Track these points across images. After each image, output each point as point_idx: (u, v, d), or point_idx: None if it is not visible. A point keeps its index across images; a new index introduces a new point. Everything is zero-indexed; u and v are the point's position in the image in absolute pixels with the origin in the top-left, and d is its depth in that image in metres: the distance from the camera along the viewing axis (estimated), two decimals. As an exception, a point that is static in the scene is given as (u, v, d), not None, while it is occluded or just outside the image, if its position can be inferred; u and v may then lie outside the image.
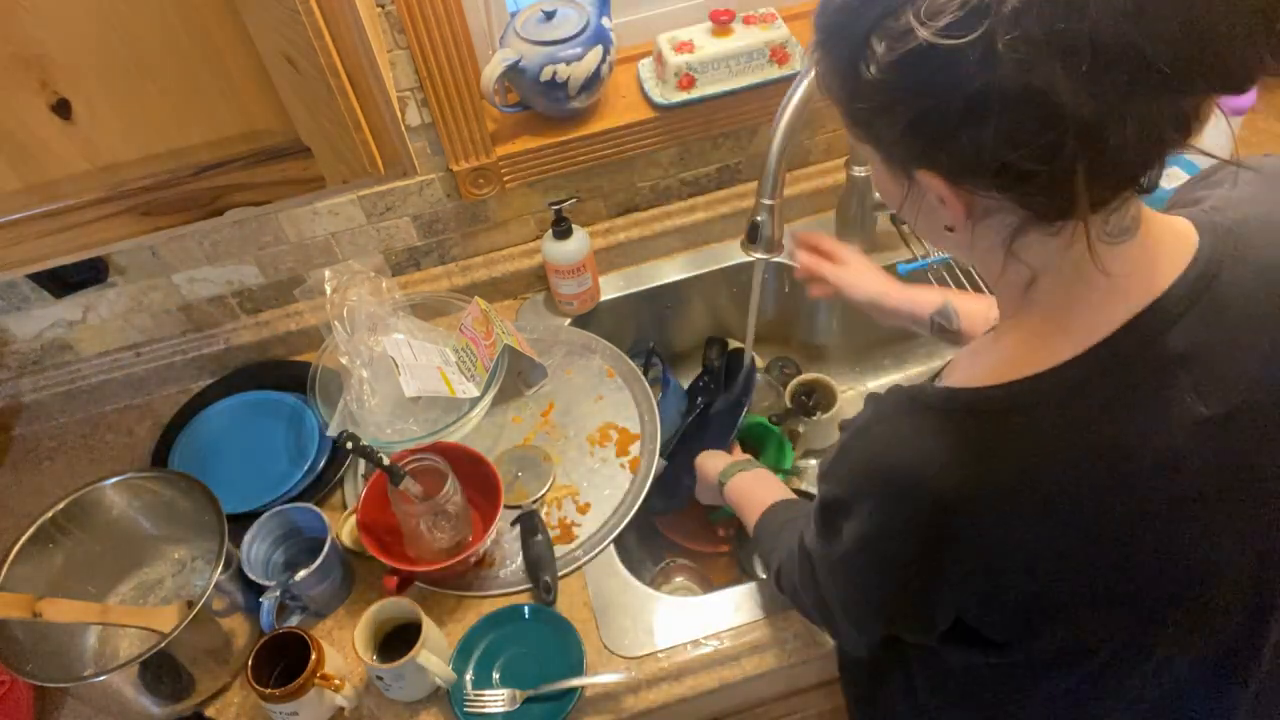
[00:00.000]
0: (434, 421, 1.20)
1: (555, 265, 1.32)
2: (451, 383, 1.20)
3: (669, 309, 1.46)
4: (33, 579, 1.04)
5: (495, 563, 1.14)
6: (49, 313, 1.28)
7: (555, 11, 1.19)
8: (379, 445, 1.12)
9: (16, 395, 1.33)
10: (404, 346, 1.20)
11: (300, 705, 0.96)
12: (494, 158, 1.25)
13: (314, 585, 1.06)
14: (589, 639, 1.06)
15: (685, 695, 1.03)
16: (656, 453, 1.24)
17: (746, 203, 1.41)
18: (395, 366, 1.16)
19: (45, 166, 0.72)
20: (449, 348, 1.27)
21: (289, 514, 1.11)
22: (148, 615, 1.04)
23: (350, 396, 1.18)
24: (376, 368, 1.19)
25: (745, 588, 1.09)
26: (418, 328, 1.27)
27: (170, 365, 1.34)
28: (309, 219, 1.28)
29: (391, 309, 1.25)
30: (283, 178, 0.78)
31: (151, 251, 1.25)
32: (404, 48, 1.11)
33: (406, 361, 1.18)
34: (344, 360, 1.20)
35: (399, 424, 1.21)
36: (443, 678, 1.00)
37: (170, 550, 1.19)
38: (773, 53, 1.25)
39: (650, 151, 1.33)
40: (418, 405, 1.21)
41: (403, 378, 1.15)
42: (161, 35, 0.67)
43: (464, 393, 1.20)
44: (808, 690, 1.19)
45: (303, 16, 0.66)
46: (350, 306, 1.20)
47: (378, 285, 1.24)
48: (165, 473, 1.11)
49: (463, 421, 1.18)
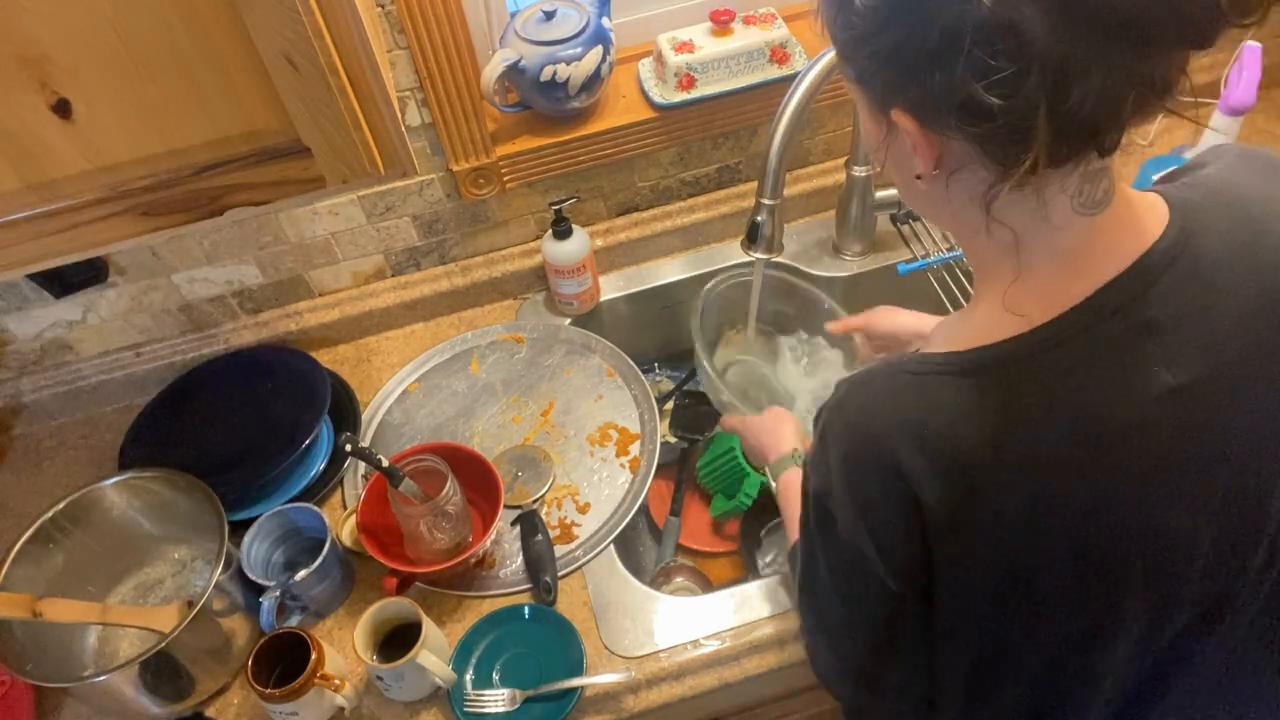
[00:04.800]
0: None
1: (555, 265, 1.32)
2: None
3: (669, 309, 1.46)
4: (33, 579, 1.04)
5: (495, 563, 1.14)
6: (49, 313, 1.28)
7: (555, 11, 1.19)
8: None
9: (16, 395, 1.33)
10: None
11: (300, 705, 0.96)
12: (494, 158, 1.25)
13: (314, 585, 1.06)
14: (589, 639, 1.06)
15: (685, 695, 1.03)
16: (656, 452, 1.24)
17: (746, 203, 1.41)
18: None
19: (45, 166, 0.72)
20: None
21: (289, 514, 1.11)
22: (148, 615, 1.04)
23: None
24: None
25: (745, 588, 1.09)
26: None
27: (170, 365, 1.34)
28: (309, 219, 1.28)
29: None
30: (283, 178, 0.78)
31: (151, 251, 1.25)
32: (404, 48, 1.11)
33: None
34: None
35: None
36: (443, 678, 1.00)
37: (170, 550, 1.19)
38: (773, 53, 1.25)
39: (650, 151, 1.33)
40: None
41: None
42: (161, 35, 0.67)
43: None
44: (808, 690, 1.19)
45: (303, 16, 0.66)
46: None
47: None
48: (165, 472, 1.11)
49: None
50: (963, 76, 0.53)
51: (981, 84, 0.53)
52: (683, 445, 1.43)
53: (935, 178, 0.63)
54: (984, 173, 0.59)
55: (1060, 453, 0.61)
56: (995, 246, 0.64)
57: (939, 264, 1.31)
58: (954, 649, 0.71)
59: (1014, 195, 0.59)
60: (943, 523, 0.63)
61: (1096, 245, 0.62)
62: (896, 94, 0.59)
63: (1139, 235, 0.63)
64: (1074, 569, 0.64)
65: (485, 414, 1.30)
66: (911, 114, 0.59)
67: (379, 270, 1.38)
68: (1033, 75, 0.52)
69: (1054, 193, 0.60)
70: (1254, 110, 1.33)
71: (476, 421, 1.29)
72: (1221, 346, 0.63)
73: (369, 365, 1.38)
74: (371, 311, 1.38)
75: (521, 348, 1.37)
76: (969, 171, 0.60)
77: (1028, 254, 0.63)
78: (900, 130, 0.60)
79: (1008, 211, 0.61)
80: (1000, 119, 0.54)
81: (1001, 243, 0.63)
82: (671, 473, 1.43)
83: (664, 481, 1.43)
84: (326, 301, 1.38)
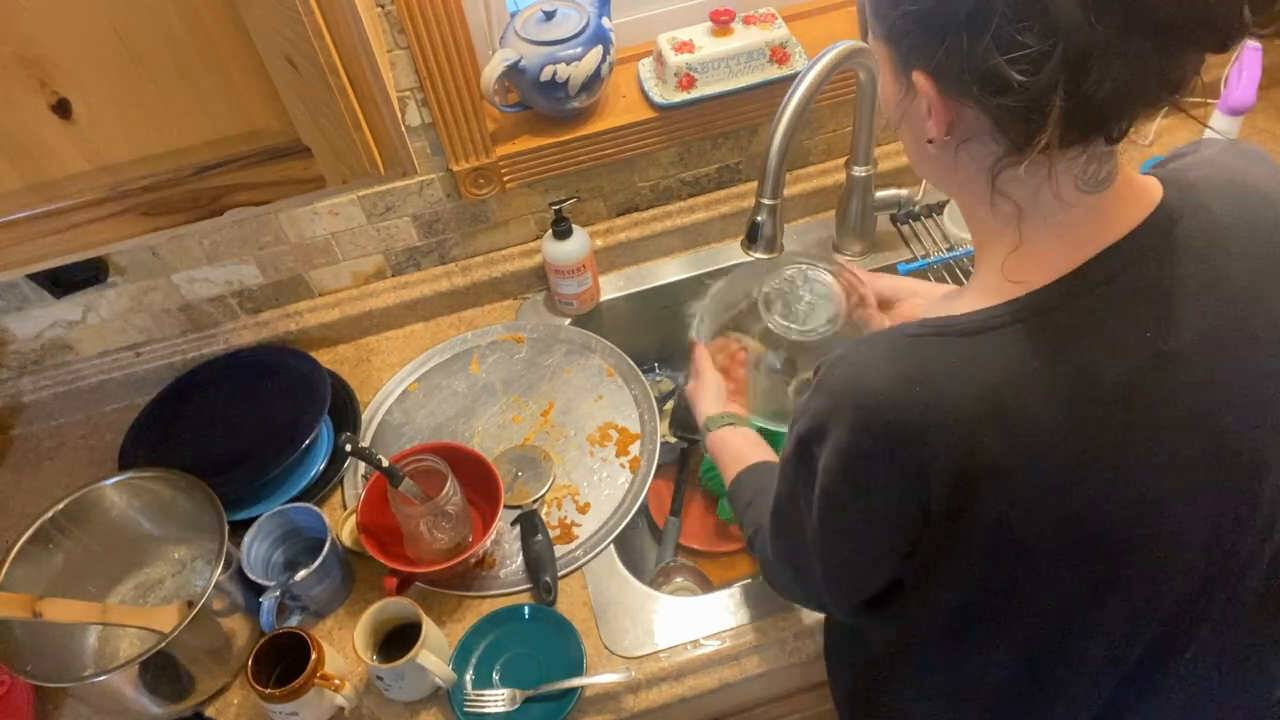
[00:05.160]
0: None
1: (555, 265, 1.32)
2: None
3: (669, 309, 1.46)
4: (33, 579, 1.04)
5: (495, 563, 1.14)
6: (49, 313, 1.28)
7: (555, 11, 1.19)
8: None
9: (16, 395, 1.33)
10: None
11: (300, 705, 0.96)
12: (494, 158, 1.25)
13: (314, 585, 1.06)
14: (589, 639, 1.06)
15: (685, 695, 1.03)
16: (656, 452, 1.24)
17: (746, 203, 1.41)
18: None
19: (45, 166, 0.72)
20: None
21: (289, 514, 1.11)
22: (148, 615, 1.04)
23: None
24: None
25: (745, 587, 1.09)
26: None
27: (170, 365, 1.34)
28: (309, 219, 1.28)
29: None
30: (283, 178, 0.78)
31: (151, 251, 1.25)
32: (404, 48, 1.11)
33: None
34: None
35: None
36: (443, 678, 1.00)
37: (170, 550, 1.19)
38: (773, 53, 1.25)
39: (650, 151, 1.33)
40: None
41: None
42: (162, 35, 0.67)
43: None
44: (808, 690, 1.19)
45: (303, 16, 0.66)
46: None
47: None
48: (165, 472, 1.11)
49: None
50: (988, 47, 0.55)
51: (1005, 57, 0.54)
52: (683, 445, 1.43)
53: (946, 144, 0.64)
54: (994, 145, 0.61)
55: (1050, 410, 0.62)
56: (998, 216, 0.66)
57: (939, 264, 1.31)
58: (938, 592, 0.71)
59: (1020, 170, 0.60)
60: (939, 475, 0.63)
61: (1096, 219, 0.64)
62: (921, 56, 0.60)
63: (1137, 210, 0.65)
64: (1060, 530, 0.65)
65: (485, 414, 1.30)
66: (933, 78, 0.60)
67: (379, 270, 1.38)
68: (1056, 55, 0.53)
69: (1059, 171, 0.61)
70: (1254, 110, 1.34)
71: (476, 421, 1.29)
72: (1214, 317, 0.64)
73: (369, 365, 1.38)
74: (371, 311, 1.38)
75: (521, 348, 1.37)
76: (979, 143, 0.62)
77: (1029, 226, 0.64)
78: (919, 93, 0.62)
79: (1013, 185, 0.63)
80: (1018, 94, 0.55)
81: (1004, 214, 0.65)
82: (671, 473, 1.43)
83: (664, 481, 1.43)
84: (326, 301, 1.38)
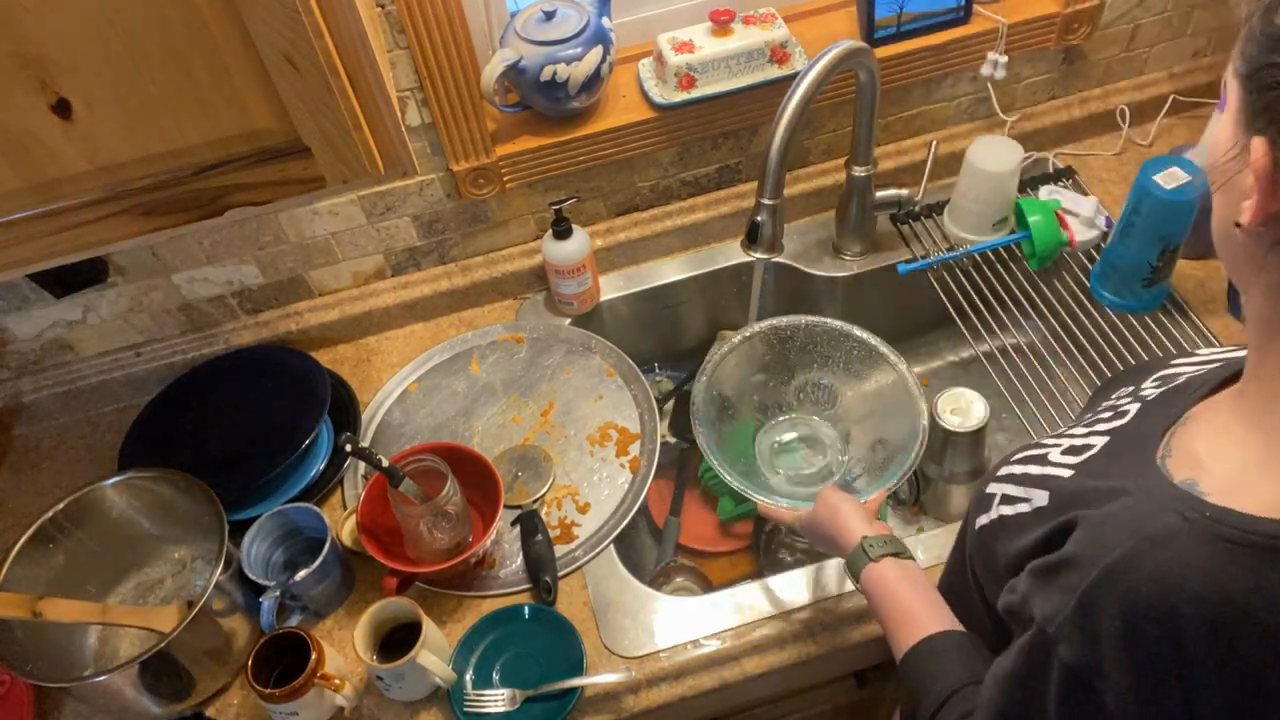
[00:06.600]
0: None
1: (555, 265, 1.32)
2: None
3: (669, 309, 1.46)
4: (33, 579, 1.04)
5: (495, 563, 1.14)
6: (49, 313, 1.28)
7: (555, 11, 1.19)
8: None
9: (16, 395, 1.33)
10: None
11: (300, 705, 0.96)
12: (494, 158, 1.25)
13: (314, 585, 1.07)
14: (589, 639, 1.06)
15: (685, 695, 1.03)
16: (656, 452, 1.24)
17: (746, 203, 1.41)
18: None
19: (45, 166, 0.72)
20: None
21: (289, 514, 1.11)
22: (148, 615, 1.04)
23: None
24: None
25: (745, 587, 1.09)
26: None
27: (170, 365, 1.34)
28: (309, 219, 1.28)
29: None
30: (283, 178, 0.78)
31: (151, 251, 1.25)
32: (404, 48, 1.11)
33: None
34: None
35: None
36: (443, 678, 1.00)
37: (170, 550, 1.19)
38: (773, 53, 1.25)
39: (650, 151, 1.33)
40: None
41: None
42: (161, 35, 0.67)
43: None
44: (808, 690, 1.19)
45: (303, 16, 0.66)
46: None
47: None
48: (165, 473, 1.11)
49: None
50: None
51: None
52: (683, 445, 1.43)
53: (1259, 236, 0.52)
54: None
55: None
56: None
57: (939, 264, 1.31)
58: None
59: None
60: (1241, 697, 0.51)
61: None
62: (1273, 122, 0.49)
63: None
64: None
65: (485, 414, 1.30)
66: (1273, 150, 0.49)
67: (379, 270, 1.38)
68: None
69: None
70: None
71: (476, 421, 1.29)
72: None
73: (369, 365, 1.38)
74: (371, 311, 1.38)
75: (521, 348, 1.37)
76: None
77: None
78: (1249, 161, 0.50)
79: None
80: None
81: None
82: (671, 473, 1.43)
83: (664, 481, 1.43)
84: (326, 301, 1.38)
